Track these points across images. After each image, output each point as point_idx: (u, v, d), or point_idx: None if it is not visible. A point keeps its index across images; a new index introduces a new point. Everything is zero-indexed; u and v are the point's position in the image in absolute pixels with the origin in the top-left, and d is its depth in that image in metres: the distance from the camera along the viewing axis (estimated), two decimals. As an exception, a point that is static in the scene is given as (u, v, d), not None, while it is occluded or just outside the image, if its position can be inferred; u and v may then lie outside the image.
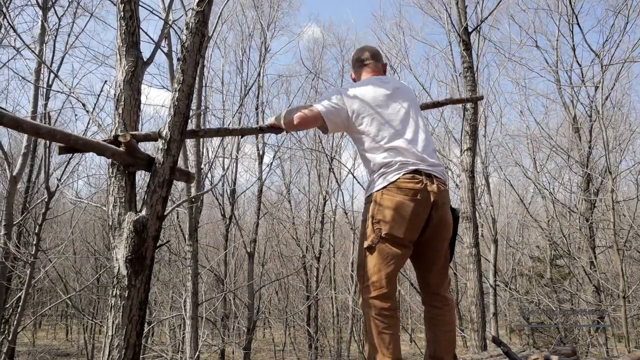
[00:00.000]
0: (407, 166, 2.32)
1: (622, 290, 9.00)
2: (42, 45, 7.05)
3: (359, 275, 2.38)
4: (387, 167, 2.34)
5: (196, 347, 6.98)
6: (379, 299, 2.28)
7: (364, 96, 2.46)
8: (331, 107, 2.44)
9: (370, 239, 2.31)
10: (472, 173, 7.19)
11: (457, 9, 7.71)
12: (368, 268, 2.31)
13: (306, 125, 2.52)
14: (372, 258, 2.30)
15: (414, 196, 2.28)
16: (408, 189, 2.28)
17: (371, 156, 2.40)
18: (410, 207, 2.27)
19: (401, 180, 2.29)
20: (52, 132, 2.02)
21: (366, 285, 2.31)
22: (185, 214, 7.67)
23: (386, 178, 2.32)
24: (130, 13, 2.44)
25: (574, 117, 12.82)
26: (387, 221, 2.27)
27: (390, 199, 2.28)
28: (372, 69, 2.72)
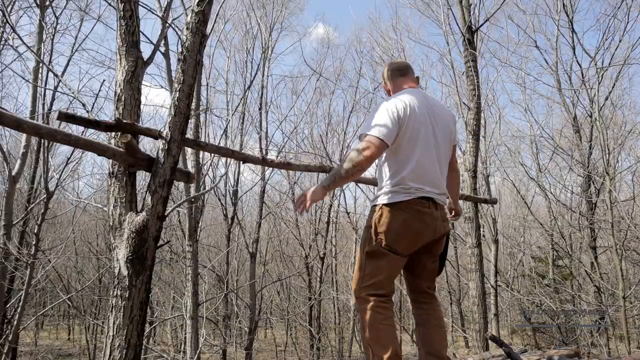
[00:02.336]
0: (420, 192, 2.40)
1: (621, 291, 8.99)
2: (40, 44, 7.02)
3: (357, 276, 2.44)
4: (403, 186, 2.39)
5: (197, 347, 6.97)
6: (377, 295, 2.37)
7: (407, 109, 2.43)
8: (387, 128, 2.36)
9: (371, 246, 2.39)
10: (474, 173, 7.18)
11: (460, 7, 7.70)
12: (368, 271, 2.41)
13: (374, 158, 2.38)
14: (371, 262, 2.40)
15: (420, 218, 2.39)
16: (415, 210, 2.39)
17: (392, 168, 2.43)
18: (414, 226, 2.39)
19: (411, 201, 2.38)
20: (53, 132, 2.02)
21: (364, 286, 2.39)
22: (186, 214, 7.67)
23: (398, 196, 2.38)
24: (130, 13, 2.44)
25: (574, 117, 12.80)
26: (390, 234, 2.36)
27: (397, 215, 2.36)
28: (412, 79, 2.73)
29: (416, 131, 2.42)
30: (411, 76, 2.73)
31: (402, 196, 2.38)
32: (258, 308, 15.10)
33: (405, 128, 2.39)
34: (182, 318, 12.62)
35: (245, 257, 16.87)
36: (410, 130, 2.40)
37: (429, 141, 2.46)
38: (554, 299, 12.93)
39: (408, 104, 2.43)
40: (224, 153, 2.77)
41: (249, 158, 2.90)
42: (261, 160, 2.80)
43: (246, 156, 2.92)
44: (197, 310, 7.13)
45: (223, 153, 2.78)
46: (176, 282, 14.93)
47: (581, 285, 12.97)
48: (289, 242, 18.91)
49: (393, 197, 2.39)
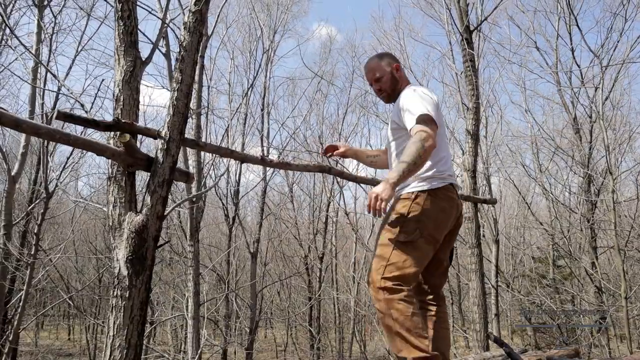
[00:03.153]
0: (452, 178, 2.41)
1: (623, 291, 8.99)
2: (39, 44, 7.02)
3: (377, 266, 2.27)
4: (438, 172, 2.37)
5: (198, 347, 6.98)
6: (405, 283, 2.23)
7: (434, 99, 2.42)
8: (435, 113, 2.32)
9: (406, 235, 2.26)
10: (474, 173, 7.19)
11: (458, 7, 7.71)
12: (396, 260, 2.24)
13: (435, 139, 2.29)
14: (403, 252, 2.25)
15: (452, 206, 2.38)
16: (449, 197, 2.38)
17: (435, 157, 2.38)
18: (448, 214, 2.37)
19: (446, 188, 2.37)
20: (52, 132, 2.02)
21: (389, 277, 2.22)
22: (187, 213, 7.69)
23: (434, 182, 2.35)
24: (128, 13, 2.44)
25: (574, 118, 12.81)
26: (431, 222, 2.29)
27: (436, 203, 2.31)
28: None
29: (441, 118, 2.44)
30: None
31: (438, 182, 2.35)
32: (259, 308, 15.11)
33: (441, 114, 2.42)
34: (182, 318, 12.65)
35: (246, 257, 16.88)
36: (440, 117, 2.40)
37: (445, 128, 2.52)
38: (554, 299, 12.94)
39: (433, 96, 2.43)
40: (224, 153, 2.76)
41: (248, 158, 2.89)
42: (260, 160, 2.79)
43: (245, 156, 2.91)
44: (198, 310, 7.14)
45: (222, 153, 2.77)
46: (176, 282, 14.93)
47: (583, 285, 12.97)
48: (289, 242, 18.92)
49: (430, 183, 2.34)
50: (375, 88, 2.65)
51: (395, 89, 2.60)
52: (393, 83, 2.61)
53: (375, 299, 2.25)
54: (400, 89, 2.59)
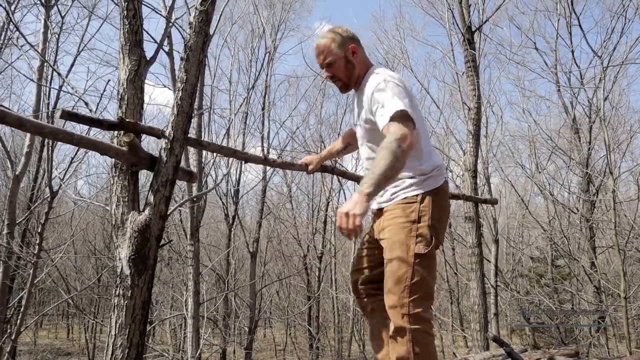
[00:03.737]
0: (444, 174, 2.18)
1: (623, 291, 9.00)
2: (45, 44, 7.03)
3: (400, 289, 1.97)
4: (438, 169, 2.13)
5: (197, 346, 6.98)
6: (430, 311, 2.01)
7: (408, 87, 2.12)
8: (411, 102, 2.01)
9: (424, 245, 1.99)
10: (474, 173, 7.20)
11: (460, 8, 7.72)
12: (419, 278, 1.97)
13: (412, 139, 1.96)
14: (424, 267, 1.99)
15: (449, 204, 2.21)
16: (447, 194, 2.16)
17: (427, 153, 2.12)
18: (449, 213, 2.19)
19: (444, 186, 2.14)
20: (55, 131, 2.02)
21: (416, 298, 1.95)
22: (187, 213, 7.69)
23: (437, 180, 2.10)
24: (134, 12, 2.44)
25: (573, 118, 12.84)
26: (440, 226, 2.06)
27: (440, 204, 2.08)
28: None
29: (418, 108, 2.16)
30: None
31: (440, 180, 2.11)
32: (258, 307, 15.11)
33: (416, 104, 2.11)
34: (182, 317, 12.64)
35: (245, 257, 16.88)
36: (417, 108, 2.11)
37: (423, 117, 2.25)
38: (553, 298, 12.96)
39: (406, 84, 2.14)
40: (226, 152, 2.76)
41: (250, 157, 2.89)
42: (263, 160, 2.79)
43: (248, 156, 2.91)
44: (198, 309, 7.15)
45: (225, 152, 2.77)
46: (175, 281, 14.93)
47: (582, 285, 12.99)
48: (288, 241, 18.92)
49: (433, 182, 2.08)
50: (327, 75, 2.23)
51: (351, 77, 2.21)
52: (348, 69, 2.20)
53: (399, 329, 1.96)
54: (359, 76, 2.21)
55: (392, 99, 1.96)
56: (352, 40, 2.22)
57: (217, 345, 13.53)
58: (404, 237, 2.01)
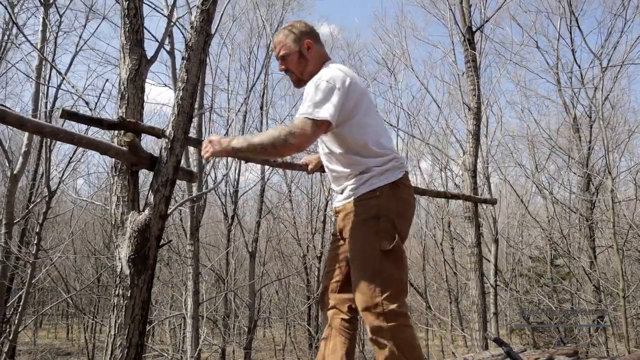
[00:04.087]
0: (404, 166, 2.11)
1: (622, 290, 9.01)
2: (44, 42, 7.03)
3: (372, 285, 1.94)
4: (395, 161, 2.06)
5: (197, 346, 6.98)
6: (405, 306, 1.96)
7: (357, 81, 2.10)
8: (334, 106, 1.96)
9: (389, 241, 1.95)
10: (474, 173, 7.20)
11: (460, 8, 7.73)
12: (388, 275, 1.94)
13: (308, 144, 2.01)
14: (392, 263, 1.95)
15: (413, 196, 2.13)
16: (409, 187, 2.11)
17: (372, 141, 2.06)
18: (413, 206, 2.11)
19: (404, 178, 2.08)
20: (55, 130, 2.02)
21: (389, 296, 1.92)
22: (187, 213, 7.68)
23: (395, 172, 2.04)
24: (135, 11, 2.44)
25: (574, 117, 12.85)
26: (401, 221, 2.01)
27: (401, 197, 2.03)
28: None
29: (370, 101, 2.14)
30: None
31: (399, 172, 2.05)
32: (257, 307, 15.10)
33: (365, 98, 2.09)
34: (181, 317, 12.63)
35: (244, 257, 16.87)
36: (367, 101, 2.10)
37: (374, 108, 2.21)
38: (552, 298, 12.97)
39: (353, 74, 2.11)
40: (227, 152, 2.75)
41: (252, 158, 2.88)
42: (264, 160, 2.78)
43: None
44: (197, 309, 7.14)
45: (226, 152, 2.76)
46: (174, 281, 14.92)
47: (581, 284, 13.00)
48: (288, 241, 18.92)
49: (390, 175, 2.03)
50: (281, 67, 2.24)
51: (304, 71, 2.19)
52: (301, 64, 2.20)
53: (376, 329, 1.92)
54: (312, 71, 2.17)
55: (311, 99, 1.96)
56: (308, 35, 2.22)
57: (216, 345, 13.53)
58: (367, 235, 1.98)
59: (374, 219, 1.98)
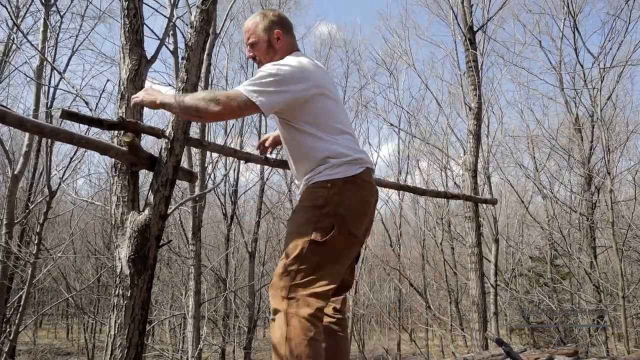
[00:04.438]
0: (365, 162, 2.04)
1: (620, 290, 9.01)
2: (45, 43, 7.03)
3: (287, 269, 1.89)
4: (351, 156, 2.00)
5: (197, 346, 6.98)
6: (316, 297, 1.85)
7: (317, 70, 2.07)
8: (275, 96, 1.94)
9: (323, 233, 1.88)
10: (475, 173, 7.20)
11: (462, 8, 7.73)
12: (309, 264, 1.87)
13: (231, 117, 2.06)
14: (317, 255, 1.88)
15: (372, 194, 2.05)
16: (369, 183, 2.03)
17: (331, 135, 2.02)
18: (370, 205, 2.03)
19: (363, 174, 2.01)
20: (56, 131, 2.02)
21: (300, 284, 1.86)
22: (187, 213, 7.68)
23: (352, 168, 1.98)
24: (134, 11, 2.44)
25: (575, 117, 12.84)
26: (349, 215, 1.93)
27: (355, 193, 1.96)
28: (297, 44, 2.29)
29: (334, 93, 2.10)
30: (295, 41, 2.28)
31: (356, 168, 1.98)
32: (257, 307, 15.10)
33: (326, 90, 2.04)
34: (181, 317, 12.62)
35: (244, 257, 16.86)
36: (330, 93, 2.06)
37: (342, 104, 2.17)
38: (552, 298, 12.97)
39: (312, 64, 2.07)
40: (227, 152, 2.75)
41: (251, 158, 2.87)
42: (263, 160, 2.78)
43: (249, 156, 2.90)
44: (199, 309, 7.14)
45: (226, 152, 2.76)
46: (174, 281, 14.92)
47: (581, 284, 13.00)
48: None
49: (348, 169, 1.97)
50: (249, 55, 2.24)
51: (271, 61, 2.13)
52: (269, 54, 2.18)
53: (275, 310, 1.87)
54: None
55: (258, 80, 1.94)
56: (278, 25, 2.20)
57: (216, 345, 13.53)
58: (304, 221, 1.93)
59: (317, 209, 1.92)
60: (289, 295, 1.84)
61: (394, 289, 19.55)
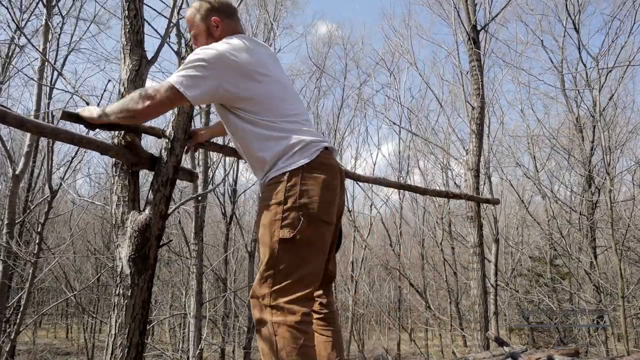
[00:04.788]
0: (321, 142, 1.92)
1: (620, 290, 9.02)
2: (46, 44, 7.06)
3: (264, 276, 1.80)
4: (302, 143, 1.88)
5: (198, 346, 6.99)
6: (300, 302, 1.77)
7: (254, 49, 1.97)
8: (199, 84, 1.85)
9: (290, 229, 1.78)
10: (477, 172, 7.19)
11: (466, 7, 7.73)
12: (285, 265, 1.78)
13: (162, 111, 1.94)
14: (291, 253, 1.79)
15: (334, 175, 1.92)
16: (329, 164, 1.90)
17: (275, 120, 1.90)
18: (335, 187, 1.90)
19: (320, 158, 1.88)
20: (56, 131, 2.01)
21: (280, 289, 1.77)
22: (187, 213, 7.68)
23: (307, 152, 1.86)
24: (135, 12, 2.44)
25: (577, 117, 12.85)
26: (315, 203, 1.82)
27: (316, 178, 1.84)
28: (242, 27, 2.18)
29: (278, 73, 2.00)
30: (241, 24, 2.17)
31: (311, 153, 1.86)
32: (257, 307, 15.06)
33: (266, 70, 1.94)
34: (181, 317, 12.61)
35: (244, 256, 16.87)
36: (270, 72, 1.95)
37: (288, 85, 2.05)
38: (552, 298, 12.98)
39: (248, 46, 1.95)
40: (227, 152, 2.75)
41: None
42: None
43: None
44: (200, 309, 7.14)
45: (226, 152, 2.76)
46: (174, 281, 14.93)
47: (581, 284, 13.01)
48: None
49: (303, 155, 1.85)
50: (194, 47, 2.12)
51: None
52: (210, 43, 2.03)
53: (259, 321, 1.79)
54: None
55: (183, 68, 1.87)
56: (216, 12, 2.11)
57: (216, 345, 13.54)
58: (268, 222, 1.83)
59: (279, 205, 1.82)
60: (272, 304, 1.76)
61: (394, 288, 19.57)
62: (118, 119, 1.96)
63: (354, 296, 16.35)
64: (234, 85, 1.87)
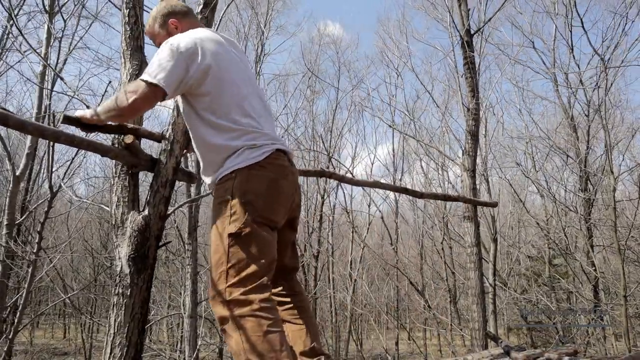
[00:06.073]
0: (273, 144, 1.97)
1: (622, 289, 9.03)
2: (48, 49, 7.12)
3: (219, 273, 1.83)
4: (252, 140, 1.94)
5: (195, 345, 6.99)
6: (256, 291, 1.79)
7: (214, 40, 2.01)
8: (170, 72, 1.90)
9: (238, 223, 1.84)
10: (473, 173, 7.24)
11: (459, 11, 7.78)
12: (237, 260, 1.82)
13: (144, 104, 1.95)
14: (241, 247, 1.84)
15: (285, 175, 1.98)
16: (279, 165, 1.96)
17: (223, 120, 1.94)
18: (283, 187, 1.96)
19: (272, 157, 1.94)
20: (57, 133, 2.03)
21: (235, 282, 1.80)
22: (184, 213, 7.69)
23: (252, 154, 1.91)
24: (135, 18, 2.46)
25: (571, 117, 12.88)
26: (261, 201, 1.88)
27: (262, 176, 1.90)
28: (200, 23, 2.23)
29: (237, 65, 2.04)
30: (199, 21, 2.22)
31: (262, 152, 1.92)
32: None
33: (226, 65, 1.98)
34: (179, 317, 12.62)
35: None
36: (225, 70, 1.98)
37: (249, 80, 2.07)
38: (550, 297, 13.00)
39: (209, 38, 2.00)
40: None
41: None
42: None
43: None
44: (196, 309, 7.15)
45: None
46: (172, 280, 14.93)
47: (581, 283, 13.04)
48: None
49: (249, 156, 1.91)
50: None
51: None
52: None
53: (221, 319, 1.80)
54: None
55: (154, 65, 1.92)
56: (172, 15, 2.18)
57: (214, 345, 13.54)
58: (218, 219, 1.89)
59: (226, 202, 1.88)
60: (229, 298, 1.78)
61: (393, 288, 19.60)
62: (107, 117, 2.02)
63: (353, 296, 16.37)
64: (197, 73, 1.92)
